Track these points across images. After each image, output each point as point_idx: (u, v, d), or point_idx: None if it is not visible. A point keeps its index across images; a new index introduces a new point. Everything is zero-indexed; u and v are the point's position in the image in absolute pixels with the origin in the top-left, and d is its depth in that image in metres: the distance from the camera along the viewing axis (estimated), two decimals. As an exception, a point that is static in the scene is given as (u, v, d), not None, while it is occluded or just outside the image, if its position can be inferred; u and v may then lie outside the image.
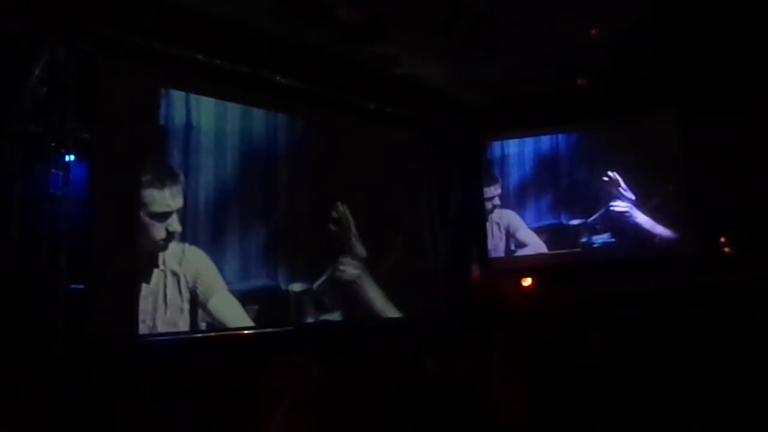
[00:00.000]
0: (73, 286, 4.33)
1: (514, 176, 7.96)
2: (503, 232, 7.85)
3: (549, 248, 7.65)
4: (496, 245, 7.86)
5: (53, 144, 4.42)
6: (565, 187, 7.75)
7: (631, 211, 7.33)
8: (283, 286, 5.71)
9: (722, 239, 6.79)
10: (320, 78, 6.19)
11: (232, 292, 5.31)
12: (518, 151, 7.99)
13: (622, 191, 7.38)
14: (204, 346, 5.01)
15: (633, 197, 7.34)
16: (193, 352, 4.88)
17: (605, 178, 7.47)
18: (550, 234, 7.68)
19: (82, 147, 4.57)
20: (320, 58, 6.08)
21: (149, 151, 5.03)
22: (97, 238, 4.50)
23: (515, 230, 7.81)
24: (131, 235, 4.75)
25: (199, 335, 5.05)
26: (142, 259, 4.80)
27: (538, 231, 7.73)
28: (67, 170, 4.44)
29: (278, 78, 5.94)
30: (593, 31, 6.08)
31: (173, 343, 4.81)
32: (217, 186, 5.43)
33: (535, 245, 7.72)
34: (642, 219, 7.30)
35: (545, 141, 7.93)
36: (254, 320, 5.40)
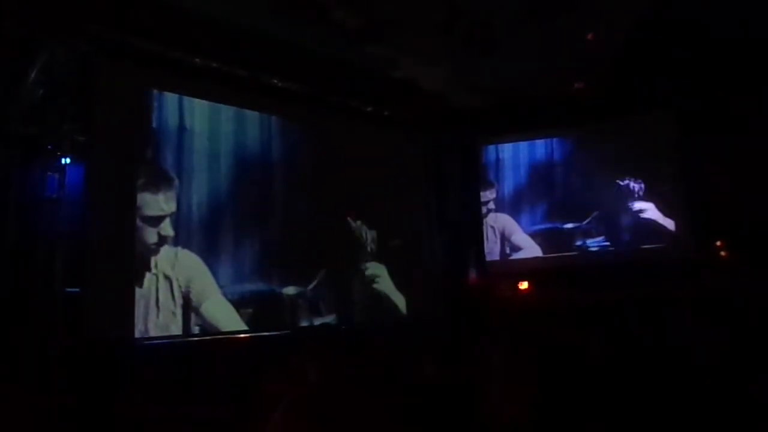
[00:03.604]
0: (68, 289, 4.30)
1: (509, 180, 7.95)
2: (498, 235, 7.84)
3: (544, 252, 7.64)
4: (491, 249, 7.84)
5: (49, 146, 4.40)
6: (560, 191, 7.75)
7: (652, 210, 7.31)
8: (277, 290, 5.68)
9: (718, 243, 6.79)
10: (317, 80, 6.17)
11: (226, 295, 5.28)
12: (513, 155, 7.98)
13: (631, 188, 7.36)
14: (200, 350, 4.98)
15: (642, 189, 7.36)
16: (189, 356, 4.86)
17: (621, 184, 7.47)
18: (546, 238, 7.67)
19: (78, 150, 4.54)
20: (317, 61, 6.06)
21: (144, 154, 5.01)
22: (93, 241, 4.47)
23: (510, 234, 7.80)
24: (128, 238, 4.73)
25: (195, 339, 5.02)
26: (135, 263, 4.78)
27: (533, 235, 7.72)
28: (63, 173, 4.43)
29: (275, 81, 5.93)
30: (589, 36, 6.09)
31: (169, 346, 4.79)
32: (210, 189, 5.40)
33: (530, 249, 7.71)
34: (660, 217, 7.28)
35: (540, 145, 7.92)
36: (248, 324, 5.37)
